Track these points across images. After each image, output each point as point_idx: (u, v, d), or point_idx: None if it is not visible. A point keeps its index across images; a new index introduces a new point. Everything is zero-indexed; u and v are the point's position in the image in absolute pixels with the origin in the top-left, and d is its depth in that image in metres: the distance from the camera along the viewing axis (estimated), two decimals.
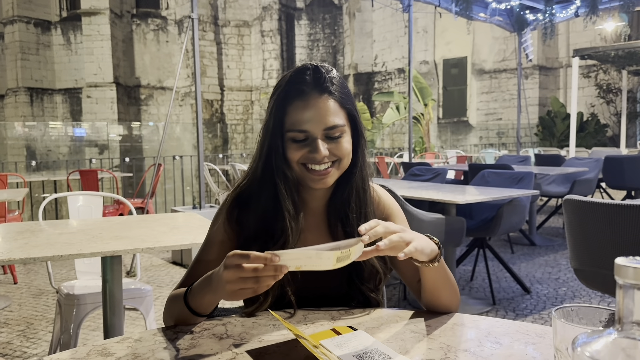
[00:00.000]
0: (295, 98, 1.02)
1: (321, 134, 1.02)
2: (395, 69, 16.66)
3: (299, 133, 1.02)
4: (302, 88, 1.02)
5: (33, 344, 2.99)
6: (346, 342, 0.86)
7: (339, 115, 1.03)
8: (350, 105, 1.07)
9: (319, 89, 1.02)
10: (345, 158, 1.06)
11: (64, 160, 12.53)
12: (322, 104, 1.02)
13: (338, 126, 1.03)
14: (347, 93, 1.07)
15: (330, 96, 1.03)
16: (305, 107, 1.01)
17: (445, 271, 1.02)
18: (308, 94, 1.02)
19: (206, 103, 16.33)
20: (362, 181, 1.10)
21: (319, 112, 1.01)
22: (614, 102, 13.58)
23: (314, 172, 1.04)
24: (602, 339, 0.45)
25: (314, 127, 1.01)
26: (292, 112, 1.02)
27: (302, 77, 1.03)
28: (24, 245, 1.69)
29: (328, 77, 1.04)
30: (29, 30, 16.89)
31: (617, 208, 2.05)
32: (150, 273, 4.55)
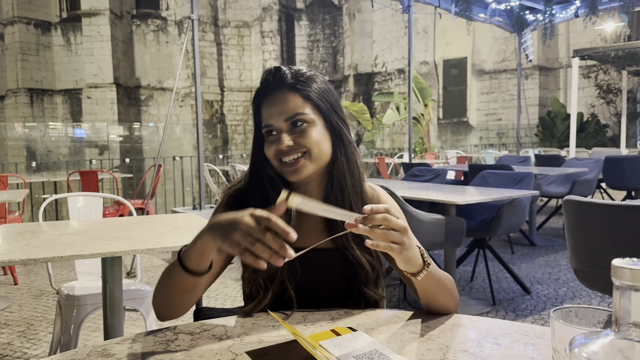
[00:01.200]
0: (262, 98, 1.10)
1: (284, 125, 1.07)
2: (395, 69, 16.66)
3: (267, 128, 1.08)
4: (265, 87, 1.10)
5: (33, 345, 2.99)
6: (345, 343, 0.87)
7: (300, 106, 1.07)
8: (318, 98, 1.09)
9: (278, 84, 1.09)
10: (314, 147, 1.07)
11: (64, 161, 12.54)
12: (281, 97, 1.07)
13: (298, 114, 1.06)
14: (318, 88, 1.09)
15: (289, 90, 1.08)
16: (268, 103, 1.09)
17: (436, 279, 1.01)
18: (269, 91, 1.09)
19: (206, 104, 16.34)
20: (343, 174, 1.10)
21: (278, 104, 1.07)
22: (614, 103, 13.58)
23: (286, 165, 1.07)
24: (599, 340, 0.46)
25: (276, 120, 1.07)
26: (262, 111, 1.10)
27: (266, 78, 1.11)
28: (25, 246, 1.69)
29: (288, 74, 1.09)
30: (29, 31, 16.90)
31: (617, 209, 2.05)
32: (150, 274, 4.55)
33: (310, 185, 1.13)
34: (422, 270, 0.96)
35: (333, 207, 0.88)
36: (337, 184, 1.11)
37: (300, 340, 0.80)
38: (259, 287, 1.06)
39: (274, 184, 1.11)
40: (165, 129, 5.61)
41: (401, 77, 16.40)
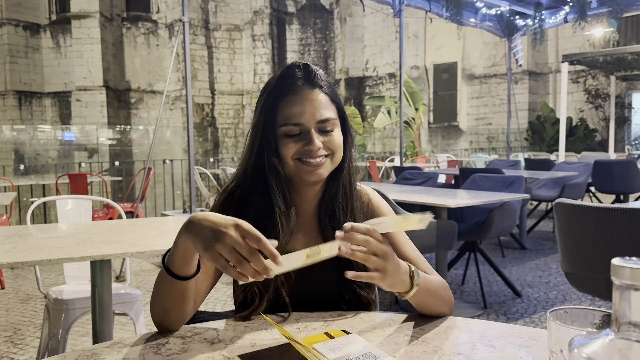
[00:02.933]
0: (287, 93, 1.04)
1: (315, 126, 1.03)
2: (386, 73, 16.72)
3: (294, 127, 1.03)
4: (294, 82, 1.05)
5: (20, 350, 2.95)
6: (339, 346, 0.86)
7: (330, 109, 1.06)
8: (339, 101, 1.10)
9: (310, 83, 1.05)
10: (338, 152, 1.07)
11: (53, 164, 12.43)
12: (315, 97, 1.04)
13: (330, 119, 1.05)
14: (335, 91, 1.11)
15: (321, 90, 1.06)
16: (298, 101, 1.03)
17: (428, 292, 0.99)
18: (300, 88, 1.04)
19: (197, 107, 16.27)
20: (349, 176, 1.12)
21: (312, 105, 1.03)
22: (602, 107, 13.71)
23: (309, 164, 1.04)
24: (599, 340, 0.45)
25: (308, 119, 1.03)
26: (284, 107, 1.04)
27: (293, 73, 1.06)
28: (12, 249, 1.67)
29: (317, 73, 1.07)
30: (17, 33, 16.75)
31: (607, 211, 2.07)
32: (140, 278, 4.51)
33: (308, 189, 1.11)
34: (409, 291, 0.95)
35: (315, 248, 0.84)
36: (342, 188, 1.11)
37: (294, 344, 0.79)
38: (254, 295, 1.04)
39: (280, 184, 1.06)
40: (155, 132, 5.57)
41: (392, 81, 16.45)
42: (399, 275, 0.92)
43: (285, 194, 1.07)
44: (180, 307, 0.94)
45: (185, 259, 0.89)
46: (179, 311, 0.94)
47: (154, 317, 0.95)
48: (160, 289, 0.93)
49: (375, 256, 0.87)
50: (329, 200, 1.11)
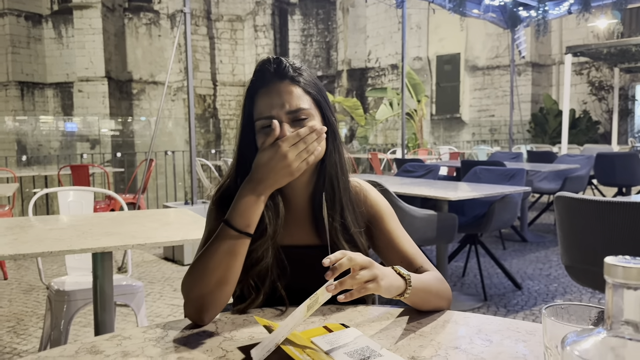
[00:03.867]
0: (259, 87, 1.06)
1: (285, 117, 1.03)
2: (389, 65, 16.65)
3: (265, 120, 1.03)
4: (265, 76, 1.06)
5: (23, 340, 2.97)
6: (337, 339, 0.86)
7: (302, 99, 1.05)
8: (316, 91, 1.08)
9: (279, 75, 1.05)
10: None
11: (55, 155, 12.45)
12: (284, 88, 1.04)
13: (302, 109, 1.04)
14: (313, 81, 1.09)
15: (291, 82, 1.05)
16: (268, 93, 1.04)
17: (423, 292, 0.98)
18: (270, 81, 1.05)
19: (198, 98, 16.26)
20: (333, 168, 1.09)
21: (280, 96, 1.03)
22: (605, 100, 13.65)
23: None
24: (592, 338, 0.45)
25: (278, 111, 1.03)
26: (257, 102, 1.05)
27: (265, 67, 1.07)
28: (14, 241, 1.68)
29: (289, 65, 1.06)
30: (19, 24, 16.71)
31: (608, 205, 2.06)
32: (141, 269, 4.54)
33: (299, 180, 1.09)
34: (406, 290, 0.94)
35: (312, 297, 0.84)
36: (329, 179, 1.09)
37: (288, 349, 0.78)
38: (251, 288, 1.04)
39: None
40: (157, 123, 5.57)
41: (394, 73, 16.40)
42: (390, 276, 0.92)
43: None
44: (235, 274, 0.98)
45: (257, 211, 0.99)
46: (233, 280, 0.98)
47: (191, 305, 0.96)
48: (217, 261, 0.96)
49: (363, 269, 0.87)
50: (317, 193, 1.10)
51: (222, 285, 0.97)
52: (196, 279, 0.97)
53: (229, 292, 0.99)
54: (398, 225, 1.16)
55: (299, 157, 0.97)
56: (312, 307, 0.84)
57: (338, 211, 1.09)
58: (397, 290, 0.93)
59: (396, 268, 0.96)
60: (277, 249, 1.07)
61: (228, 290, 0.98)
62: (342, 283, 0.85)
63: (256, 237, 1.02)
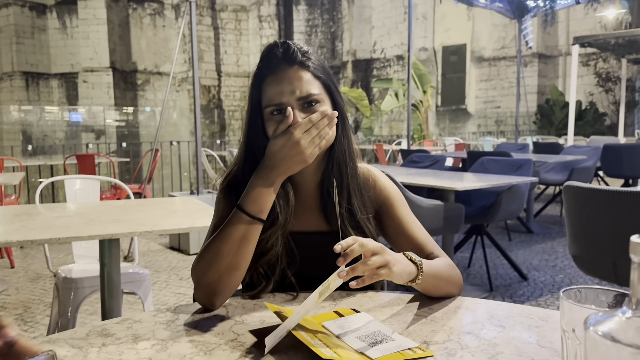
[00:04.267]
0: (267, 74, 1.03)
1: (296, 104, 1.01)
2: (394, 55, 16.55)
3: (275, 107, 1.02)
4: (273, 62, 1.03)
5: (31, 328, 2.99)
6: (349, 324, 0.86)
7: (312, 84, 1.03)
8: (325, 76, 1.06)
9: (288, 61, 1.03)
10: None
11: (61, 145, 12.47)
12: (293, 74, 1.02)
13: (312, 95, 1.02)
14: (321, 66, 1.06)
15: (300, 67, 1.03)
16: (277, 80, 1.02)
17: (434, 278, 0.98)
18: (278, 67, 1.02)
19: (203, 88, 16.23)
20: (342, 154, 1.08)
21: (290, 82, 1.01)
22: (612, 91, 13.54)
23: None
24: (616, 319, 0.44)
25: (288, 98, 1.01)
26: (266, 89, 1.03)
27: (273, 53, 1.04)
28: (21, 227, 1.68)
29: (298, 50, 1.04)
30: (24, 14, 16.68)
31: (616, 195, 2.05)
32: (148, 258, 4.55)
33: (308, 167, 1.07)
34: (417, 276, 0.93)
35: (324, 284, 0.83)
36: (337, 166, 1.08)
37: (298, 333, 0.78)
38: (260, 276, 1.04)
39: None
40: (162, 113, 5.57)
41: (400, 64, 16.30)
42: (402, 262, 0.91)
43: None
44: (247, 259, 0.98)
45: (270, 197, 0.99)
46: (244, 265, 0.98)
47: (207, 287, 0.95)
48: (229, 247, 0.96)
49: (375, 255, 0.86)
50: (326, 179, 1.09)
51: (233, 270, 0.96)
52: (208, 263, 0.96)
53: (240, 277, 0.98)
54: (408, 211, 1.15)
55: (312, 143, 0.97)
56: (324, 293, 0.84)
57: (345, 197, 1.08)
58: (409, 276, 0.92)
59: (407, 254, 0.95)
60: (287, 236, 1.06)
61: (239, 276, 0.98)
62: (353, 269, 0.84)
63: (267, 226, 1.01)
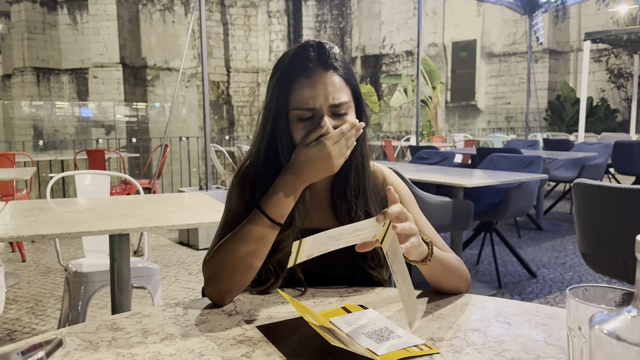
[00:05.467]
0: (300, 75, 1.00)
1: (327, 110, 1.00)
2: (404, 51, 16.48)
3: (306, 111, 1.00)
4: (307, 64, 1.00)
5: (42, 321, 3.03)
6: (356, 320, 0.86)
7: (344, 91, 1.02)
8: (354, 81, 1.06)
9: (324, 65, 1.01)
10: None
11: (71, 140, 12.57)
12: (328, 80, 1.00)
13: (344, 103, 1.01)
14: (350, 70, 1.06)
15: (335, 72, 1.01)
16: (311, 84, 0.99)
17: (442, 264, 0.99)
18: (313, 70, 1.00)
19: (212, 84, 16.26)
20: (361, 158, 1.09)
21: (325, 88, 0.99)
22: (624, 87, 13.40)
23: None
24: (621, 317, 0.44)
25: (321, 104, 0.99)
26: (297, 90, 1.00)
27: (306, 54, 1.01)
28: (32, 222, 1.70)
29: (332, 53, 1.02)
30: (35, 10, 16.79)
31: (627, 192, 2.03)
32: (157, 253, 4.58)
33: None
34: (427, 258, 0.95)
35: (341, 229, 0.85)
36: (355, 169, 1.08)
37: (307, 319, 0.79)
38: (269, 273, 1.05)
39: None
40: (171, 109, 5.60)
41: (409, 59, 16.23)
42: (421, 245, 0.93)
43: None
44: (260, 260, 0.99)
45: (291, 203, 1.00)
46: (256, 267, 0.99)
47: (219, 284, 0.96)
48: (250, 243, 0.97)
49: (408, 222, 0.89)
50: (342, 181, 1.09)
51: (247, 270, 0.97)
52: (223, 261, 0.97)
53: (252, 276, 1.00)
54: (417, 210, 1.15)
55: (340, 153, 0.98)
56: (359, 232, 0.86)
57: (363, 201, 1.09)
58: (421, 254, 0.94)
59: (425, 237, 0.96)
60: (297, 233, 1.07)
61: (251, 275, 0.99)
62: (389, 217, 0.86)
63: (284, 227, 1.01)
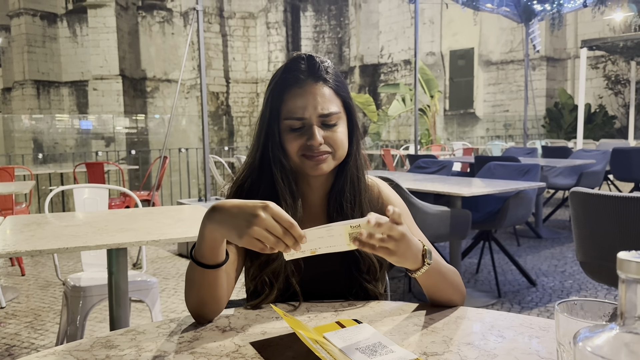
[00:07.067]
0: (291, 86, 1.04)
1: (317, 120, 1.03)
2: (402, 60, 16.57)
3: (296, 121, 1.03)
4: (298, 76, 1.04)
5: (40, 336, 3.02)
6: (350, 335, 0.86)
7: (334, 102, 1.05)
8: (345, 93, 1.08)
9: (314, 76, 1.04)
10: (340, 149, 1.07)
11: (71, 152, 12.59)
12: (318, 90, 1.03)
13: (333, 114, 1.04)
14: (342, 82, 1.08)
15: (325, 84, 1.04)
16: (301, 94, 1.03)
17: (438, 274, 0.99)
18: (304, 82, 1.03)
19: (212, 95, 16.33)
20: (356, 169, 1.10)
21: (314, 98, 1.02)
22: (622, 94, 13.45)
23: (311, 158, 1.04)
24: (604, 334, 0.45)
25: (310, 114, 1.02)
26: (288, 101, 1.04)
27: (297, 66, 1.05)
28: (30, 237, 1.70)
29: (322, 66, 1.06)
30: (35, 23, 16.91)
31: (624, 200, 2.04)
32: (156, 265, 4.58)
33: (317, 179, 1.12)
34: (419, 268, 0.94)
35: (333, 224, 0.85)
36: (350, 182, 1.10)
37: (300, 335, 0.79)
38: (264, 284, 1.05)
39: (285, 176, 1.07)
40: (170, 120, 5.61)
41: (407, 68, 16.31)
42: (409, 254, 0.91)
43: (292, 186, 1.08)
44: (215, 296, 0.93)
45: (214, 249, 0.89)
46: (214, 301, 0.94)
47: (191, 309, 0.95)
48: (194, 282, 0.93)
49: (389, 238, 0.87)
50: (337, 193, 1.10)
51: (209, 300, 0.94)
52: (187, 289, 0.96)
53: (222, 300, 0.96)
54: (412, 223, 1.15)
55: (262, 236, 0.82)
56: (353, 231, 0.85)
57: (359, 213, 1.09)
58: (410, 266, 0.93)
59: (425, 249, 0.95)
60: None
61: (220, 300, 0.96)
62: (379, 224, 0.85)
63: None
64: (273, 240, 0.81)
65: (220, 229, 0.85)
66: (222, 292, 0.95)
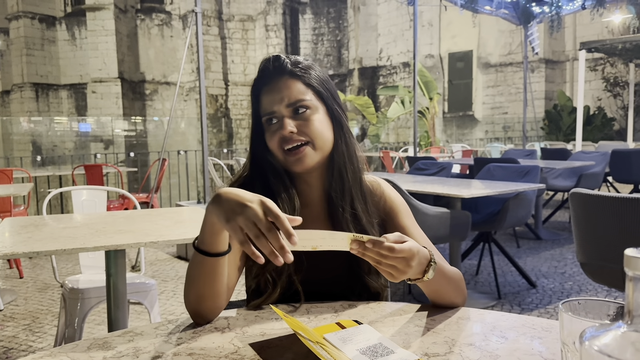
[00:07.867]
0: (263, 85, 1.09)
1: (286, 111, 1.06)
2: (400, 62, 16.57)
3: (269, 116, 1.07)
4: (266, 74, 1.09)
5: (39, 338, 3.00)
6: (350, 336, 0.85)
7: (302, 92, 1.07)
8: (318, 84, 1.09)
9: (278, 71, 1.08)
10: (318, 138, 1.07)
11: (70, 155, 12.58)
12: (282, 83, 1.07)
13: (300, 101, 1.06)
14: (316, 75, 1.10)
15: (290, 76, 1.08)
16: (269, 90, 1.08)
17: (441, 278, 0.98)
18: (269, 79, 1.08)
19: (211, 98, 16.33)
20: (341, 158, 1.10)
21: (280, 91, 1.06)
22: (621, 96, 13.47)
23: (290, 154, 1.06)
24: (611, 333, 0.44)
25: (278, 106, 1.06)
26: (262, 99, 1.09)
27: (266, 66, 1.10)
28: (28, 239, 1.69)
29: (288, 61, 1.09)
30: (33, 26, 16.91)
31: (624, 201, 2.03)
32: (155, 267, 4.56)
33: (311, 175, 1.12)
34: (419, 279, 0.93)
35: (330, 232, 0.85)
36: (338, 171, 1.10)
37: (300, 336, 0.78)
38: (267, 282, 1.04)
39: (277, 175, 1.09)
40: (169, 123, 5.60)
41: (406, 71, 16.32)
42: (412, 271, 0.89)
43: (285, 182, 1.10)
44: (214, 290, 0.93)
45: (213, 234, 0.90)
46: (213, 295, 0.93)
47: (189, 307, 0.95)
48: (193, 277, 0.93)
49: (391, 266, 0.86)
50: (335, 186, 1.11)
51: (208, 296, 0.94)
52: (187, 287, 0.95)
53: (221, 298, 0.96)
54: (413, 222, 1.15)
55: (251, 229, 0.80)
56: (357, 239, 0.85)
57: (348, 202, 1.10)
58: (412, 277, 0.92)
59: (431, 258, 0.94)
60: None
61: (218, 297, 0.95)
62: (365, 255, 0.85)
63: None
64: (255, 232, 0.79)
65: (216, 211, 0.86)
66: (221, 287, 0.94)
